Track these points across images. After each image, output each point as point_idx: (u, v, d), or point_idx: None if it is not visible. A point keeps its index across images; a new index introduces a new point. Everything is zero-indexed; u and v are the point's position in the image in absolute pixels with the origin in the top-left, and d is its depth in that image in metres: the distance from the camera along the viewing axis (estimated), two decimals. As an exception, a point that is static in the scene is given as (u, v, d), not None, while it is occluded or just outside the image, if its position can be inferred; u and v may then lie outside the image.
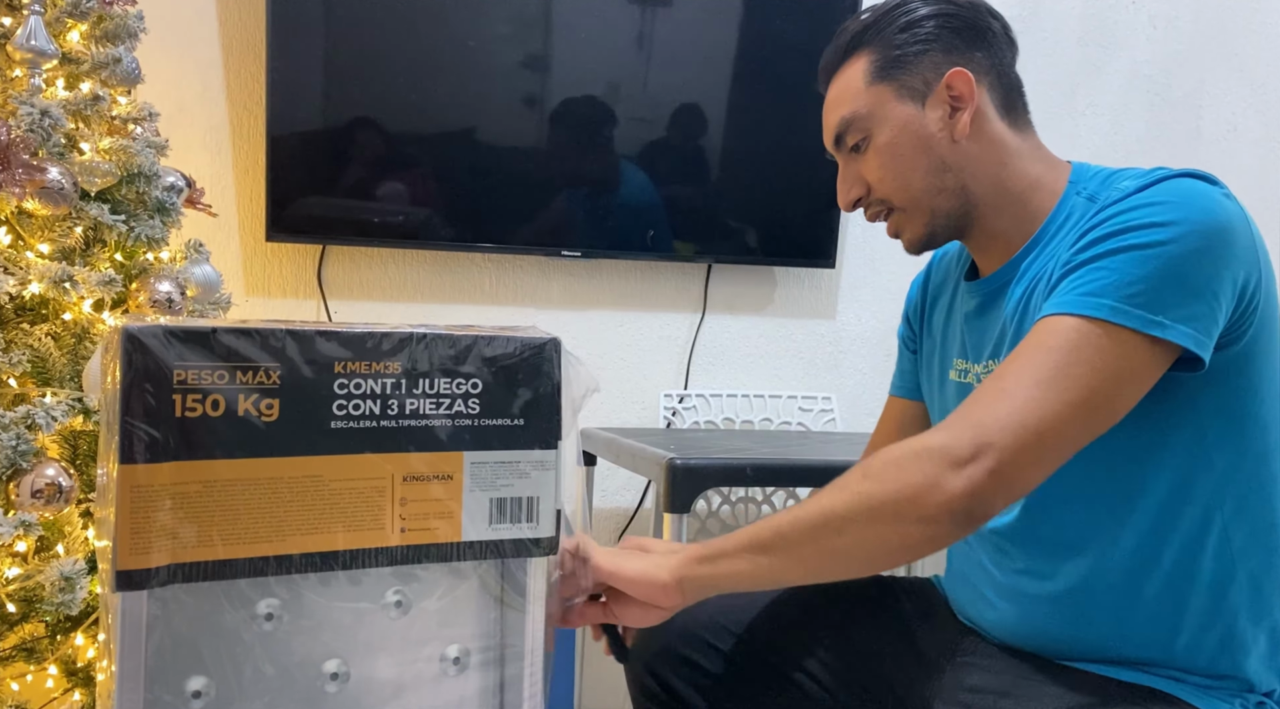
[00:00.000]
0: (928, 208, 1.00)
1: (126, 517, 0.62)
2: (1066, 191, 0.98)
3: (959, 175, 0.98)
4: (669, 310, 2.17)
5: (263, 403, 0.66)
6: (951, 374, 1.09)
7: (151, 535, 0.63)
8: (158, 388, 0.63)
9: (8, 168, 1.16)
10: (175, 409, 0.63)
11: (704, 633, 1.13)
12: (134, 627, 0.64)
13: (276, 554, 0.67)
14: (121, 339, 0.62)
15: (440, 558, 0.72)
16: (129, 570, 0.62)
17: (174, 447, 0.63)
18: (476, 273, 2.06)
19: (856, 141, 1.01)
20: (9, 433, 1.13)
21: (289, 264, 1.96)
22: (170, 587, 0.64)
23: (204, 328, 0.64)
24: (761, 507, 2.15)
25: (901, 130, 0.99)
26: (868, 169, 1.02)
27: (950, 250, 1.19)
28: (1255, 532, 0.92)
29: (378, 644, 0.72)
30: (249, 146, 1.91)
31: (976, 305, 1.04)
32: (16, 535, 1.12)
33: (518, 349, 0.74)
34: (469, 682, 0.75)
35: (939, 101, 0.98)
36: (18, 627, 1.25)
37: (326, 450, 0.67)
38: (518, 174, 1.96)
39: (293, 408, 0.66)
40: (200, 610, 0.66)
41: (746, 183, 2.10)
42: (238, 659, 0.68)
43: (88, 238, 1.31)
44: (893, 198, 1.01)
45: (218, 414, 0.64)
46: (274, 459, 0.66)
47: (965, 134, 0.98)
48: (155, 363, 0.63)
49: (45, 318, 1.26)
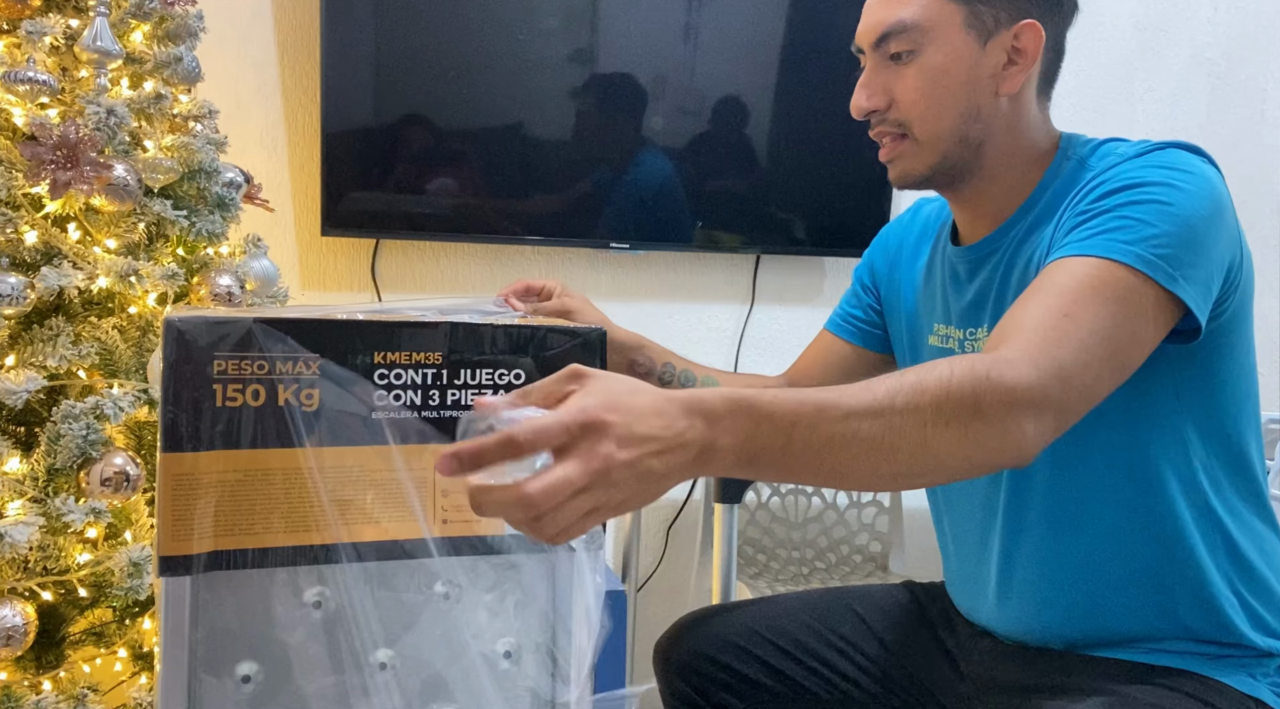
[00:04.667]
0: (942, 150, 0.95)
1: (168, 504, 0.64)
2: (1056, 158, 0.96)
3: (983, 130, 0.94)
4: (718, 302, 2.17)
5: (303, 393, 0.67)
6: (932, 339, 1.07)
7: (193, 522, 0.64)
8: (198, 377, 0.64)
9: (76, 166, 1.20)
10: (216, 399, 0.65)
11: (739, 639, 1.13)
12: (177, 611, 0.66)
13: (317, 543, 0.68)
14: (165, 329, 0.64)
15: (482, 550, 0.73)
16: (171, 556, 0.64)
17: (215, 436, 0.65)
18: (526, 265, 2.07)
19: (901, 51, 0.93)
20: (79, 423, 1.17)
21: (344, 258, 1.99)
22: (217, 573, 0.66)
23: (244, 318, 0.66)
24: (812, 498, 2.14)
25: (955, 61, 0.92)
26: (902, 85, 0.94)
27: (930, 205, 1.16)
28: (1236, 501, 0.93)
29: (426, 635, 0.73)
30: (304, 142, 1.95)
31: (964, 271, 1.02)
32: (87, 522, 1.16)
33: (563, 340, 0.75)
34: (520, 673, 0.76)
35: (1000, 47, 0.92)
36: (88, 611, 1.30)
37: (367, 441, 0.69)
38: (565, 167, 1.98)
39: (333, 398, 0.68)
40: (248, 597, 0.68)
41: (794, 173, 2.09)
42: (286, 646, 0.69)
43: (151, 233, 1.35)
44: (914, 126, 0.95)
45: (258, 404, 0.66)
46: (314, 449, 0.67)
47: (1011, 92, 0.94)
48: (197, 353, 0.64)
49: (112, 311, 1.30)
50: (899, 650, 1.11)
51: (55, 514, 1.15)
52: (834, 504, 2.15)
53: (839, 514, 2.15)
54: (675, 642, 1.17)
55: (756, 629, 1.13)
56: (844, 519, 2.15)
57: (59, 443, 1.18)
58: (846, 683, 1.11)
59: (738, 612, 1.19)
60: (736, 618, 1.17)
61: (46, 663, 1.27)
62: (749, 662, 1.11)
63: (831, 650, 1.11)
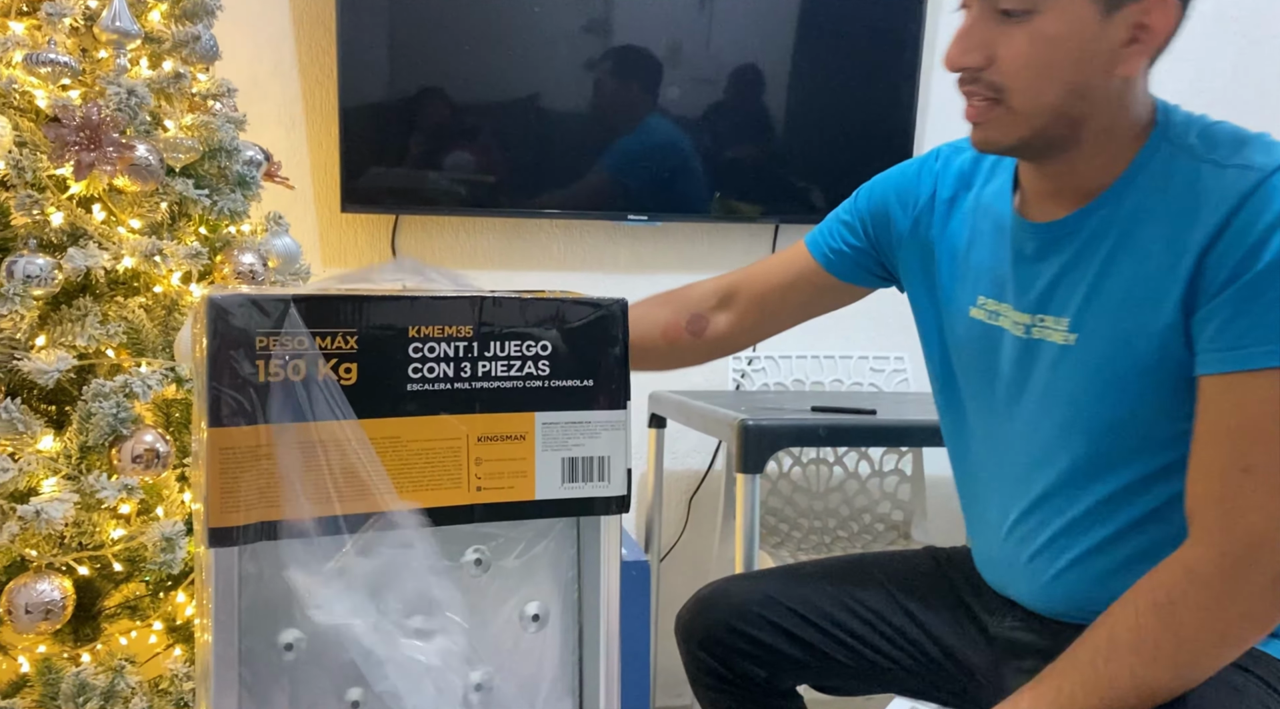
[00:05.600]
0: (1038, 124, 0.87)
1: (216, 477, 0.65)
2: (1153, 137, 0.89)
3: (1087, 108, 0.86)
4: (737, 272, 2.16)
5: (341, 367, 0.68)
6: (975, 312, 1.01)
7: (240, 495, 0.66)
8: (242, 354, 0.66)
9: (99, 146, 1.21)
10: (259, 374, 0.66)
11: (760, 610, 1.12)
12: (227, 581, 0.67)
13: (359, 512, 0.69)
14: (207, 308, 0.65)
15: (515, 516, 0.74)
16: (220, 528, 0.66)
17: (260, 410, 0.66)
18: (545, 240, 2.08)
19: (1015, 9, 0.84)
20: (109, 401, 1.19)
21: (364, 234, 2.00)
22: (261, 544, 0.67)
23: (284, 296, 0.67)
24: (833, 468, 2.15)
25: (1074, 31, 0.83)
26: (1009, 46, 0.85)
27: (961, 156, 1.07)
28: None
29: (460, 601, 0.75)
30: (322, 119, 1.95)
31: (1032, 248, 0.95)
32: (120, 498, 1.18)
33: (586, 312, 0.76)
34: (548, 637, 0.78)
35: (1125, 23, 0.83)
36: (122, 586, 1.32)
37: (404, 412, 0.70)
38: (582, 139, 1.97)
39: (370, 371, 0.69)
40: (288, 567, 0.70)
41: (813, 140, 2.08)
42: (325, 613, 0.71)
43: (173, 212, 1.36)
44: (1013, 93, 0.86)
45: (299, 378, 0.67)
46: (354, 421, 0.68)
47: (1129, 74, 0.85)
48: (239, 330, 0.65)
49: (137, 291, 1.31)
50: (924, 618, 1.11)
51: (89, 491, 1.17)
52: (856, 473, 2.16)
53: (861, 483, 2.16)
54: (697, 613, 1.17)
55: (779, 599, 1.13)
56: (866, 488, 2.16)
57: (90, 421, 1.19)
58: (873, 651, 1.11)
59: (760, 581, 1.19)
60: (759, 587, 1.16)
61: (84, 636, 1.29)
62: (772, 632, 1.11)
63: (855, 619, 1.11)
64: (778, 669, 1.13)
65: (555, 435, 0.75)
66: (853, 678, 1.14)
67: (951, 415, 1.10)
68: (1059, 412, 0.94)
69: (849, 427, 1.61)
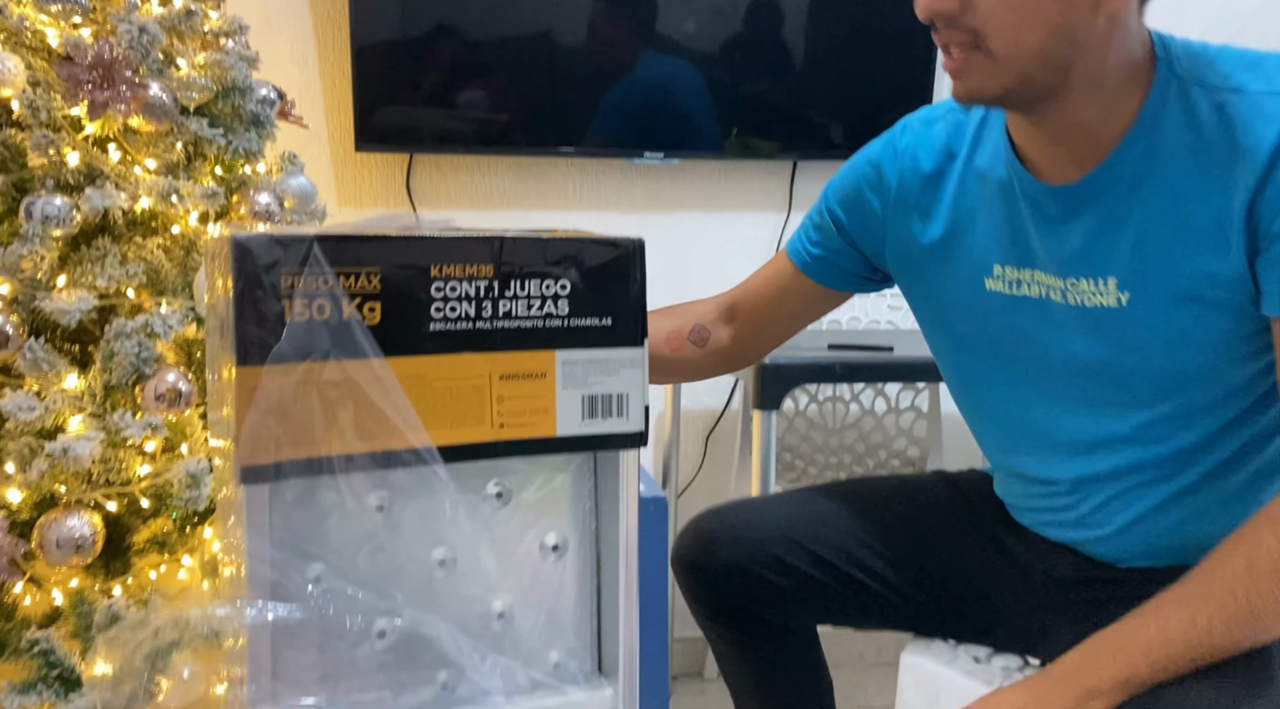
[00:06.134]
0: (1020, 70, 0.82)
1: (245, 415, 0.66)
2: (1158, 74, 0.85)
3: (1073, 52, 0.82)
4: (754, 211, 2.15)
5: (365, 306, 0.69)
6: (991, 284, 0.97)
7: (268, 432, 0.67)
8: (267, 294, 0.66)
9: (113, 85, 1.21)
10: (284, 313, 0.67)
11: (775, 549, 1.10)
12: (258, 517, 0.69)
13: (384, 449, 0.71)
14: (231, 248, 0.66)
15: (537, 451, 0.75)
16: (250, 466, 0.67)
17: (285, 349, 0.67)
18: (560, 179, 2.06)
19: None
20: (131, 341, 1.20)
21: (378, 174, 1.99)
22: (290, 480, 0.69)
23: (307, 235, 0.67)
24: (849, 405, 2.16)
25: None
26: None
27: (934, 126, 1.02)
28: None
29: (481, 533, 0.76)
30: (334, 57, 1.93)
31: (1055, 210, 0.90)
32: (145, 436, 1.20)
33: (604, 252, 0.76)
34: (567, 567, 0.79)
35: None
36: (150, 522, 1.35)
37: (426, 351, 0.71)
38: (597, 76, 1.95)
39: (393, 311, 0.69)
40: (316, 502, 0.71)
41: (831, 75, 2.04)
42: (352, 547, 0.73)
43: (189, 152, 1.35)
44: (990, 38, 0.81)
45: (324, 318, 0.68)
46: (378, 360, 0.69)
47: (1116, 12, 0.81)
48: (264, 269, 0.66)
49: (155, 231, 1.32)
50: (947, 555, 1.08)
51: (114, 429, 1.19)
52: (872, 410, 2.17)
53: (877, 420, 2.17)
54: (700, 548, 1.14)
55: (790, 535, 1.10)
56: (882, 425, 2.17)
57: (113, 360, 1.21)
58: (889, 590, 1.09)
59: (766, 513, 1.15)
60: (766, 521, 1.12)
61: (114, 570, 1.33)
62: (783, 572, 1.09)
63: (873, 555, 1.09)
64: (789, 610, 1.12)
65: (575, 373, 0.75)
66: (867, 614, 1.13)
67: (971, 389, 1.07)
68: (1123, 372, 0.91)
69: (865, 364, 1.62)
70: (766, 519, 1.14)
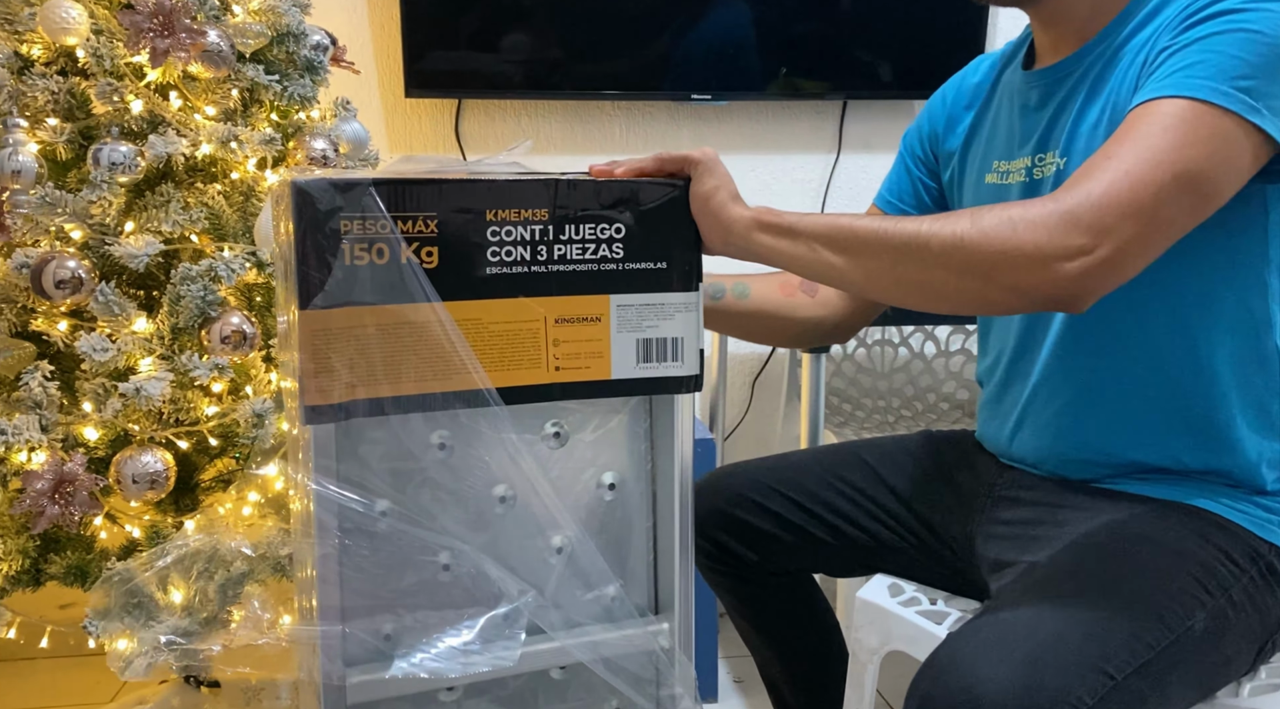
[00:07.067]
0: None
1: (309, 357, 0.69)
2: None
3: None
4: (803, 151, 2.13)
5: (423, 250, 0.70)
6: (989, 177, 1.03)
7: (332, 374, 0.69)
8: (327, 238, 0.68)
9: (173, 32, 1.23)
10: (345, 257, 0.69)
11: (753, 494, 1.16)
12: (324, 455, 0.72)
13: (444, 390, 0.73)
14: (292, 192, 0.67)
15: (592, 394, 0.77)
16: (315, 406, 0.70)
17: (347, 293, 0.69)
18: (607, 122, 2.06)
19: None
20: (196, 284, 1.24)
21: (427, 119, 2.00)
22: (354, 420, 0.71)
23: (365, 179, 0.69)
24: (898, 349, 2.15)
25: None
26: None
27: (989, 58, 1.12)
28: None
29: (540, 471, 0.79)
30: (383, 2, 1.93)
31: (1035, 97, 0.98)
32: (212, 377, 1.24)
33: (659, 193, 0.77)
34: (624, 504, 0.82)
35: None
36: (217, 460, 1.40)
37: (483, 295, 0.72)
38: (644, 17, 1.93)
39: (450, 255, 0.71)
40: (381, 441, 0.74)
41: (881, 12, 2.00)
42: (416, 484, 0.75)
43: (245, 99, 1.37)
44: None
45: (383, 262, 0.70)
46: (436, 304, 0.71)
47: None
48: (324, 214, 0.68)
49: (215, 177, 1.34)
50: (908, 495, 1.13)
51: (182, 370, 1.24)
52: (921, 353, 2.16)
53: (926, 363, 2.16)
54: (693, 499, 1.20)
55: (767, 481, 1.16)
56: (931, 368, 2.16)
57: (179, 304, 1.25)
58: (856, 530, 1.13)
59: (750, 467, 1.21)
60: (748, 472, 1.19)
61: (184, 506, 1.38)
62: (760, 514, 1.14)
63: (842, 499, 1.14)
64: (768, 552, 1.16)
65: (630, 317, 0.77)
66: (841, 557, 1.16)
67: None
68: None
69: (915, 308, 1.61)
70: (744, 469, 1.21)
